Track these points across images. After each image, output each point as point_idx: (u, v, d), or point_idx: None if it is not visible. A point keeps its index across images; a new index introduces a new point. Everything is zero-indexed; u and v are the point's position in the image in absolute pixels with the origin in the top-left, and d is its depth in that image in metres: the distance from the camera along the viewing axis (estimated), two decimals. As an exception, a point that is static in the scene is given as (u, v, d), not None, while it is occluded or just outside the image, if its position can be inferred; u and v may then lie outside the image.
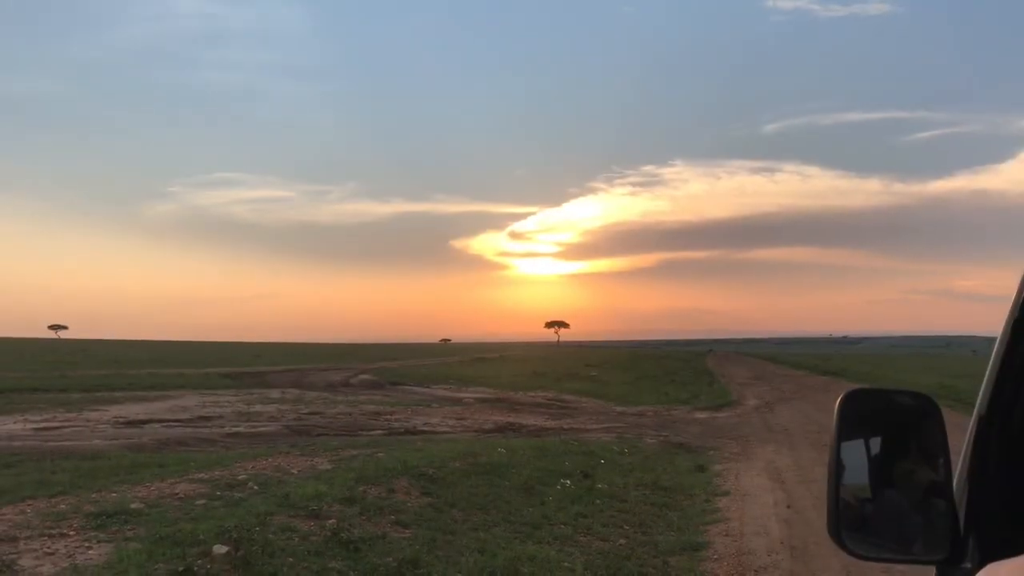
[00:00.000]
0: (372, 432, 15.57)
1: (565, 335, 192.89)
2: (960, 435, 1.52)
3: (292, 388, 28.08)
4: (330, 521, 7.12)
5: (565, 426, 17.60)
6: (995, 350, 1.46)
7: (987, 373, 1.49)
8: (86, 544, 6.19)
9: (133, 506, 7.40)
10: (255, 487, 8.58)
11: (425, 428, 16.47)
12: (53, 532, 6.47)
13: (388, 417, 18.46)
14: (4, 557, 5.65)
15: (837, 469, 1.48)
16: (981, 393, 1.49)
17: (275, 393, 25.41)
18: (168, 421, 16.92)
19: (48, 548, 6.03)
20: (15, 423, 15.86)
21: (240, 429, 15.64)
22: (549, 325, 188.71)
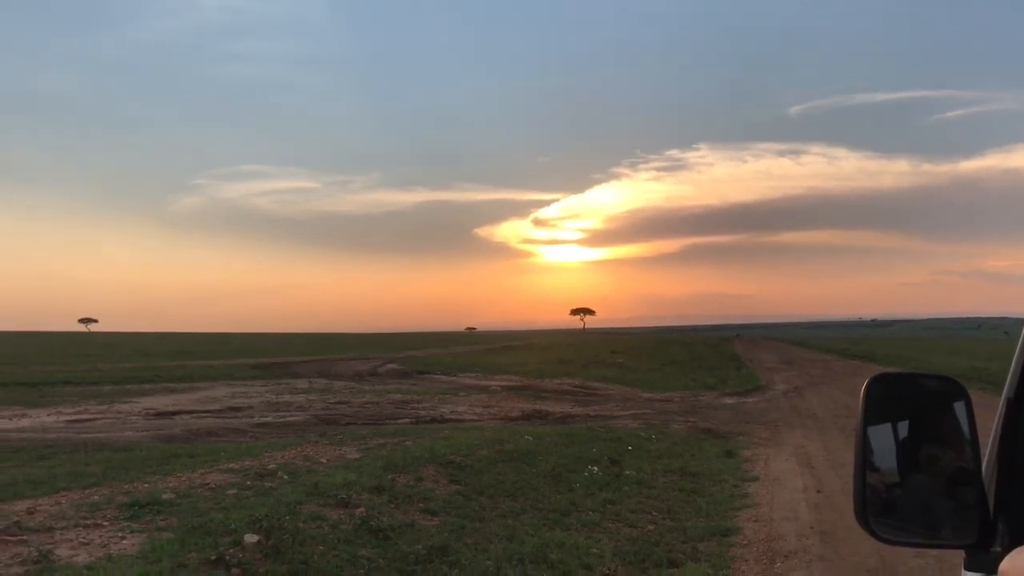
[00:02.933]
0: (399, 421, 15.68)
1: (591, 322, 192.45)
2: (991, 418, 1.51)
3: (319, 378, 28.30)
4: (359, 510, 7.19)
5: (592, 413, 17.61)
6: None
7: (1016, 355, 1.47)
8: (120, 535, 6.31)
9: (165, 496, 7.53)
10: (285, 476, 8.69)
11: (452, 416, 16.57)
12: (88, 523, 6.61)
13: (415, 406, 18.57)
14: (41, 547, 5.79)
15: (864, 454, 1.48)
16: (1010, 375, 1.48)
17: (302, 383, 25.62)
18: (198, 412, 17.14)
19: (83, 538, 6.15)
20: (48, 416, 16.15)
21: (269, 419, 15.82)
22: (574, 312, 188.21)
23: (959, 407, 1.49)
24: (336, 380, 27.51)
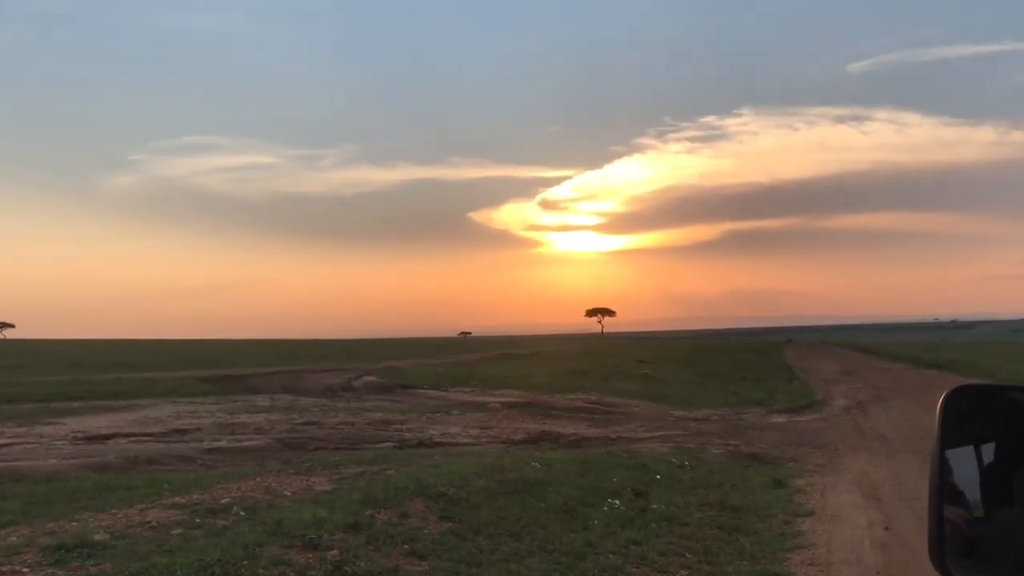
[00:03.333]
0: (379, 445, 15.77)
1: (610, 325, 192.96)
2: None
3: (283, 394, 28.46)
4: (331, 552, 7.19)
5: (612, 435, 17.68)
6: None
7: None
8: (43, 583, 6.30)
9: (97, 537, 7.53)
10: (241, 513, 8.68)
11: (443, 439, 16.66)
12: (3, 569, 6.61)
13: (398, 427, 18.65)
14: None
15: (941, 483, 1.47)
16: None
17: (263, 400, 25.77)
18: (137, 435, 17.18)
19: (-1, 588, 6.16)
20: (-43, 441, 16.10)
21: (222, 444, 15.90)
22: (591, 313, 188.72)
23: None
24: (303, 396, 27.62)
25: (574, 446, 15.73)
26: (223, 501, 9.27)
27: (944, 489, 1.49)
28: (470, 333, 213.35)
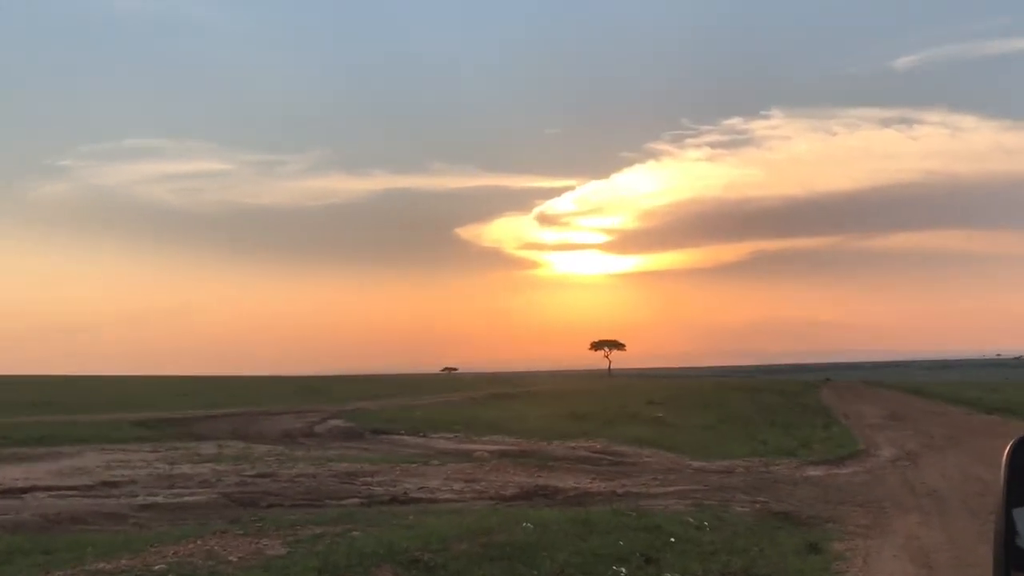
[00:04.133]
0: (345, 501, 15.71)
1: (619, 360, 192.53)
2: None
3: (233, 440, 28.39)
4: (282, 630, 7.10)
5: (619, 489, 17.64)
6: None
7: None
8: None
9: (6, 610, 7.45)
10: (177, 582, 8.60)
11: (420, 495, 16.61)
12: None
13: (367, 480, 18.61)
14: None
15: (1006, 547, 1.44)
16: None
17: (209, 448, 25.67)
18: (58, 489, 17.03)
19: None
20: None
21: (159, 499, 15.83)
22: (596, 346, 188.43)
23: None
24: (257, 443, 27.57)
25: (574, 503, 15.68)
26: (156, 568, 9.19)
27: (1010, 555, 1.46)
28: (455, 369, 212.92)
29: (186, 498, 15.94)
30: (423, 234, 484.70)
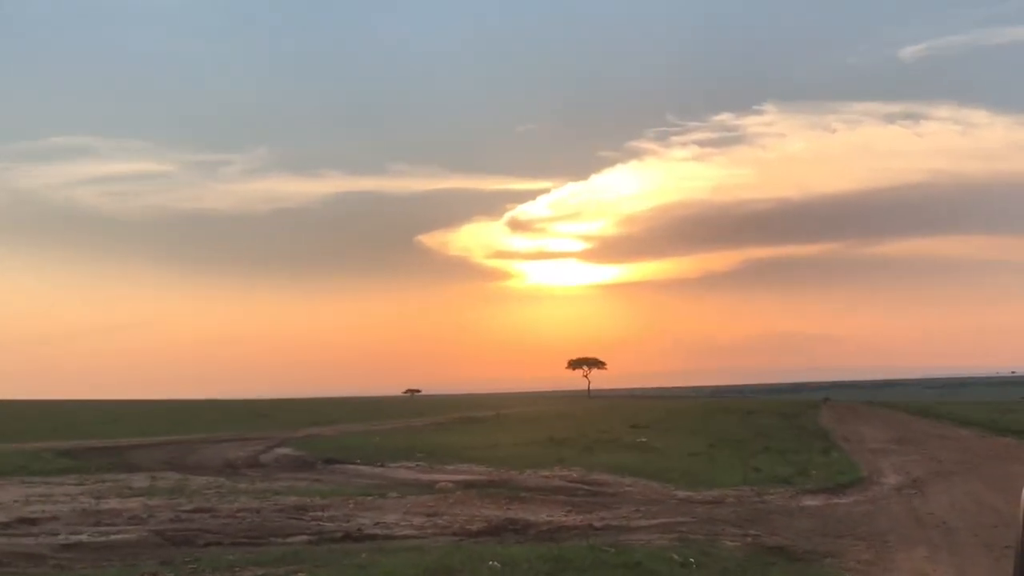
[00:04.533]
0: (291, 539, 15.62)
1: (599, 380, 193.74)
2: None
3: (168, 471, 28.28)
4: None
5: (597, 523, 17.61)
6: None
7: None
8: None
9: None
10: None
11: (376, 531, 16.53)
12: None
13: (318, 514, 18.54)
14: None
15: None
16: None
17: (141, 480, 25.52)
18: (-31, 528, 16.84)
19: None
20: None
21: (83, 537, 15.65)
22: (574, 365, 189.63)
23: None
24: (195, 474, 27.48)
25: (547, 538, 15.59)
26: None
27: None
28: (419, 391, 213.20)
29: (113, 536, 15.71)
30: (383, 242, 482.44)
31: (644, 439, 39.32)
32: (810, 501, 21.31)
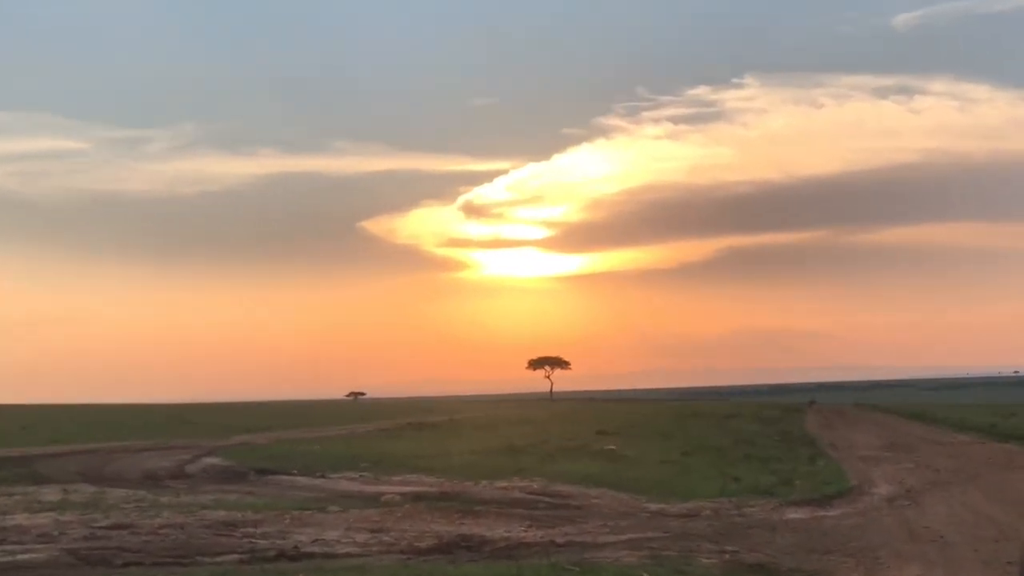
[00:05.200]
0: (220, 558, 15.52)
1: (563, 381, 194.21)
2: None
3: (82, 484, 27.86)
4: None
5: (559, 539, 17.57)
6: None
7: None
8: None
9: None
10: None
11: (314, 548, 16.45)
12: None
13: (250, 530, 18.43)
14: None
15: None
16: None
17: (51, 493, 25.24)
18: None
19: None
20: None
21: (-15, 558, 15.52)
22: (536, 365, 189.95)
23: None
24: (112, 487, 27.11)
25: (504, 556, 15.60)
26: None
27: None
28: (363, 394, 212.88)
29: (20, 556, 15.53)
30: (323, 229, 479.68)
31: (612, 446, 39.17)
32: (794, 514, 21.40)
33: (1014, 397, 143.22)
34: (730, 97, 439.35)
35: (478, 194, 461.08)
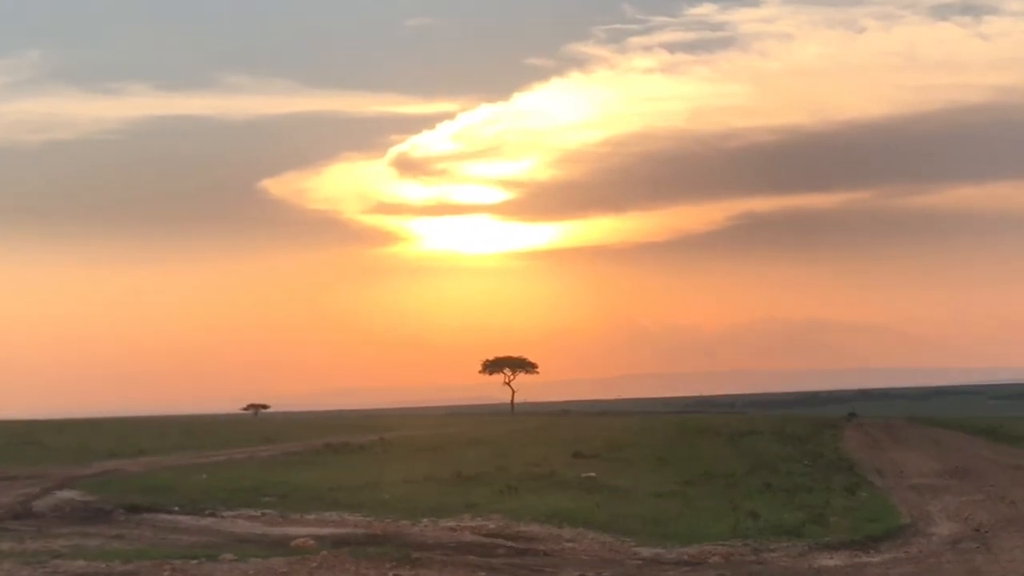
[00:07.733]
0: None
1: (527, 388, 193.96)
2: None
3: None
4: None
5: (524, 596, 17.53)
6: None
7: None
8: None
9: None
10: None
11: None
12: None
13: None
14: None
15: None
16: None
17: None
18: None
19: None
20: None
21: None
22: (492, 367, 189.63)
23: None
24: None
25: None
26: None
27: None
28: (265, 407, 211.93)
29: None
30: (212, 188, 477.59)
31: (592, 473, 39.19)
32: (828, 560, 21.55)
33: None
34: (744, 18, 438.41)
35: (415, 144, 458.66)
